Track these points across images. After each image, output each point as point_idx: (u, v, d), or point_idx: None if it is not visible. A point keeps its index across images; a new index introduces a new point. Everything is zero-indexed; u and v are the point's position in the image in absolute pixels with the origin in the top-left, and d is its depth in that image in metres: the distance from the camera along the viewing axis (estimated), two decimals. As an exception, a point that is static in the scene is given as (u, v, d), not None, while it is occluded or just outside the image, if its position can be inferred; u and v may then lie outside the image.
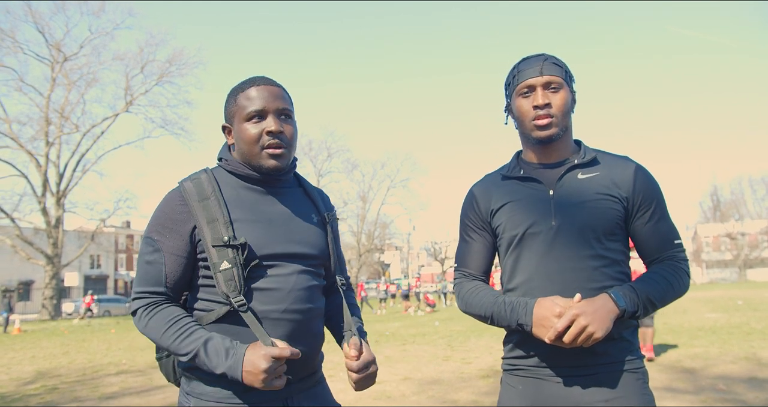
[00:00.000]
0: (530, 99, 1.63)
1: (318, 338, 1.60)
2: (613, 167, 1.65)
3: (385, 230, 56.05)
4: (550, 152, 1.68)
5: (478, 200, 1.76)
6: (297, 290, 1.52)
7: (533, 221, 1.62)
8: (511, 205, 1.68)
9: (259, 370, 1.36)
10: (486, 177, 1.82)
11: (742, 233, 59.56)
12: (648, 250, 1.66)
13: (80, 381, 8.14)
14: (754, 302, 19.72)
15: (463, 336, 12.06)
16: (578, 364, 1.56)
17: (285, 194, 1.64)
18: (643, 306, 1.52)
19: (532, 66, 1.64)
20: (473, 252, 1.78)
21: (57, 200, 32.50)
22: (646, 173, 1.66)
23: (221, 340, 1.42)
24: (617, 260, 1.61)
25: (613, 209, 1.60)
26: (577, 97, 1.71)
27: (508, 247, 1.68)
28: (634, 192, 1.62)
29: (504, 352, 1.74)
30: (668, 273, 1.59)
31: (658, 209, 1.64)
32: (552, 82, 1.62)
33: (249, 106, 1.53)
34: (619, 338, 1.58)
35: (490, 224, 1.74)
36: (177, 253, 1.50)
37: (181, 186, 1.55)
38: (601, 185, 1.62)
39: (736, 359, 7.64)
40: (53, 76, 32.94)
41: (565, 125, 1.65)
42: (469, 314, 1.74)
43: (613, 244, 1.61)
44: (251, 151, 1.54)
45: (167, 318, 1.46)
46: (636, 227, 1.64)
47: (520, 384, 1.64)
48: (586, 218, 1.59)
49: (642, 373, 1.59)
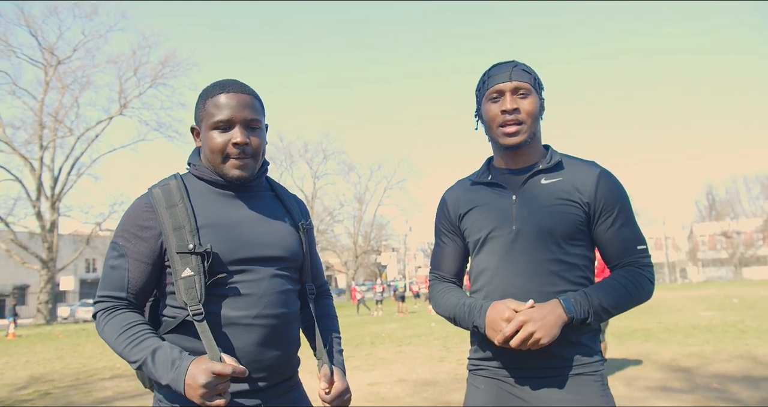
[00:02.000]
0: (499, 104, 1.66)
1: (293, 343, 1.58)
2: (576, 172, 1.67)
3: (381, 232, 55.95)
4: (518, 158, 1.71)
5: (449, 206, 1.82)
6: (270, 295, 1.51)
7: (495, 225, 1.66)
8: (476, 210, 1.72)
9: (197, 384, 1.32)
10: (457, 183, 1.87)
11: (737, 231, 59.80)
12: (610, 255, 1.67)
13: (74, 385, 8.09)
14: (749, 301, 19.77)
15: (458, 337, 12.05)
16: (537, 366, 1.59)
17: (255, 197, 1.63)
18: (594, 312, 1.54)
19: (502, 71, 1.67)
20: (445, 255, 1.84)
21: (52, 204, 32.43)
22: (611, 178, 1.67)
23: (170, 350, 1.40)
24: (578, 265, 1.63)
25: (573, 214, 1.62)
26: (546, 104, 1.74)
27: (473, 250, 1.74)
28: (596, 197, 1.63)
29: (470, 353, 1.79)
30: (626, 280, 1.61)
31: (621, 215, 1.65)
32: (521, 88, 1.64)
33: (216, 114, 1.51)
34: (578, 342, 1.60)
35: (459, 228, 1.79)
36: (141, 259, 1.49)
37: (149, 193, 1.54)
38: (563, 190, 1.64)
39: (731, 357, 7.65)
40: (47, 79, 32.90)
41: (533, 132, 1.67)
42: (439, 314, 1.80)
43: (574, 249, 1.63)
44: (215, 160, 1.53)
45: (122, 324, 1.45)
46: (598, 232, 1.66)
47: (482, 384, 1.69)
48: (545, 222, 1.61)
49: (600, 376, 1.61)
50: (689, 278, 60.72)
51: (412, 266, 75.72)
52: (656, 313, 15.75)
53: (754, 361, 7.28)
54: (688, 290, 34.36)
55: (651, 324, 12.69)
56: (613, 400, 1.60)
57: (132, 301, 1.51)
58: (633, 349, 8.80)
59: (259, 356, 1.48)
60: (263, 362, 1.49)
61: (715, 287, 35.70)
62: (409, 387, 6.62)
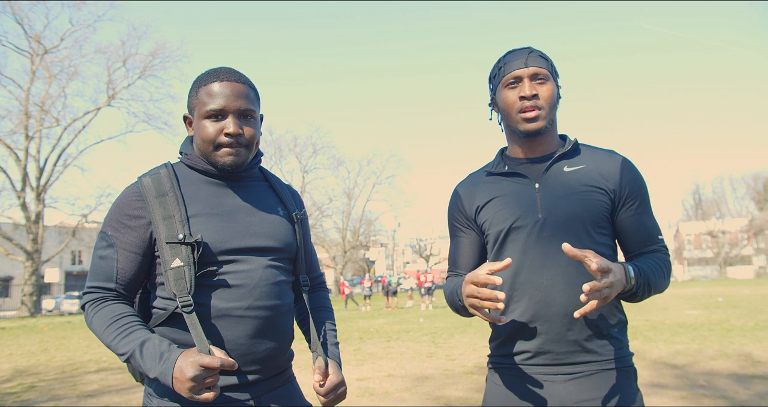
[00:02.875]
0: (517, 90, 1.61)
1: (286, 335, 1.55)
2: (599, 159, 1.63)
3: (370, 227, 55.88)
4: (536, 146, 1.66)
5: (463, 199, 1.74)
6: (262, 286, 1.48)
7: (519, 215, 1.60)
8: (496, 201, 1.66)
9: (185, 378, 1.29)
10: (470, 176, 1.80)
11: (722, 231, 60.51)
12: (632, 243, 1.63)
13: (59, 379, 8.00)
14: (734, 300, 20.01)
15: (447, 333, 12.08)
16: (566, 361, 1.53)
17: (248, 187, 1.60)
18: (642, 287, 1.49)
19: (518, 57, 1.62)
20: (462, 251, 1.76)
21: (37, 195, 32.03)
22: (633, 166, 1.64)
23: (158, 343, 1.37)
24: (605, 254, 1.58)
25: (600, 200, 1.58)
26: (561, 92, 1.69)
27: (495, 243, 1.65)
28: (621, 185, 1.60)
29: (490, 349, 1.71)
30: (663, 264, 1.58)
31: (643, 203, 1.62)
32: (539, 74, 1.60)
33: (209, 103, 1.48)
34: (608, 334, 1.55)
35: (475, 221, 1.71)
36: (130, 249, 1.46)
37: (139, 182, 1.51)
38: (588, 177, 1.60)
39: (716, 355, 7.73)
40: (33, 68, 32.40)
41: (551, 118, 1.63)
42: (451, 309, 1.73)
43: (601, 237, 1.59)
44: (207, 149, 1.51)
45: (110, 315, 1.42)
46: (621, 219, 1.62)
47: (505, 382, 1.61)
48: (574, 209, 1.56)
49: (631, 371, 1.57)
50: (675, 276, 61.34)
51: (401, 262, 75.84)
52: (643, 311, 15.88)
53: (739, 359, 7.37)
54: (673, 288, 34.71)
55: (638, 322, 12.79)
56: (641, 396, 1.56)
57: (121, 292, 1.48)
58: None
59: (251, 349, 1.45)
60: (255, 355, 1.46)
61: (701, 286, 36.12)
62: (398, 382, 6.62)
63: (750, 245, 60.64)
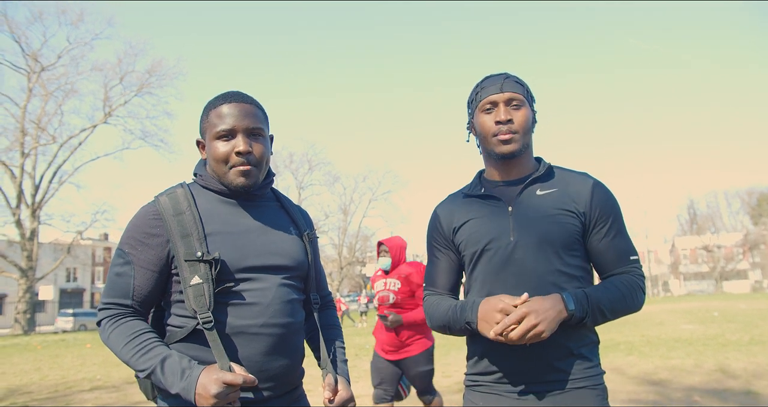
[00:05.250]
0: (493, 115, 1.67)
1: (298, 353, 1.59)
2: (571, 182, 1.68)
3: (366, 243, 55.83)
4: (511, 169, 1.72)
5: (441, 220, 1.79)
6: (276, 305, 1.52)
7: (492, 237, 1.65)
8: (471, 222, 1.70)
9: (209, 395, 1.33)
10: (449, 197, 1.86)
11: (718, 245, 60.60)
12: (604, 265, 1.67)
13: (52, 398, 7.92)
14: (729, 314, 19.99)
15: (443, 349, 12.02)
16: (538, 380, 1.57)
17: (261, 206, 1.65)
18: (592, 313, 1.53)
19: (494, 83, 1.68)
20: (440, 270, 1.81)
21: (32, 212, 31.94)
22: (604, 188, 1.69)
23: (179, 359, 1.40)
24: (576, 276, 1.63)
25: (571, 223, 1.62)
26: (538, 117, 1.75)
27: (469, 263, 1.71)
28: (591, 207, 1.64)
29: (467, 368, 1.75)
30: (623, 286, 1.61)
31: (615, 225, 1.66)
32: (514, 99, 1.66)
33: (219, 124, 1.54)
34: (578, 354, 1.59)
35: (453, 242, 1.76)
36: (148, 267, 1.49)
37: (156, 200, 1.55)
38: (560, 201, 1.64)
39: (710, 371, 7.72)
40: (30, 86, 32.55)
41: (526, 142, 1.68)
42: (433, 328, 1.76)
43: (572, 259, 1.63)
44: (220, 169, 1.55)
45: (129, 332, 1.45)
46: (593, 242, 1.66)
47: (481, 401, 1.65)
48: (545, 233, 1.60)
49: (601, 389, 1.60)
50: (671, 291, 61.29)
51: (397, 278, 75.33)
52: (639, 326, 15.86)
53: (734, 375, 7.35)
54: (670, 303, 34.65)
55: (634, 337, 12.77)
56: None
57: (137, 309, 1.51)
58: (616, 362, 8.84)
59: (265, 365, 1.48)
60: (269, 372, 1.49)
61: (697, 301, 36.04)
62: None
63: (746, 259, 60.69)
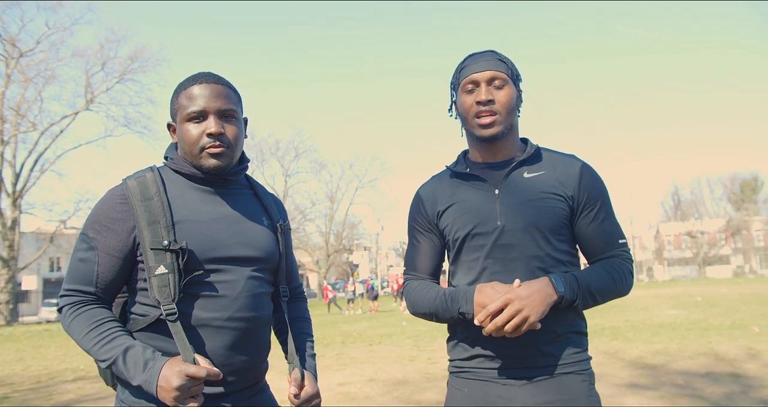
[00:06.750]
0: (474, 95, 1.60)
1: (264, 347, 1.54)
2: (558, 165, 1.63)
3: (353, 231, 55.86)
4: (496, 151, 1.65)
5: (425, 202, 1.73)
6: (243, 298, 1.46)
7: (478, 221, 1.59)
8: (457, 206, 1.65)
9: (171, 387, 1.28)
10: (432, 178, 1.79)
11: (701, 231, 61.47)
12: (592, 249, 1.64)
13: (34, 388, 7.83)
14: (712, 299, 20.32)
15: (429, 336, 12.08)
16: (523, 365, 1.54)
17: (233, 194, 1.58)
18: (582, 295, 1.50)
19: (477, 61, 1.61)
20: (421, 254, 1.75)
21: (13, 200, 31.45)
22: (592, 171, 1.64)
23: (142, 350, 1.35)
24: (563, 261, 1.59)
25: (558, 207, 1.58)
26: (524, 96, 1.69)
27: (455, 248, 1.65)
28: (579, 191, 1.60)
29: (449, 353, 1.70)
30: (612, 269, 1.58)
31: (603, 208, 1.62)
32: (496, 78, 1.58)
33: (190, 106, 1.47)
34: (566, 339, 1.55)
35: (437, 226, 1.70)
36: (112, 253, 1.43)
37: (124, 184, 1.48)
38: (547, 184, 1.59)
39: (694, 355, 7.83)
40: (8, 72, 31.81)
41: (510, 123, 1.61)
42: (417, 315, 1.70)
43: (560, 244, 1.59)
44: (191, 151, 1.49)
45: (91, 320, 1.39)
46: (581, 226, 1.62)
47: (465, 387, 1.61)
48: (532, 217, 1.56)
49: (588, 375, 1.57)
50: (655, 277, 62.15)
51: (384, 265, 75.80)
52: (623, 311, 16.05)
53: (717, 358, 7.46)
54: (654, 288, 35.17)
55: (618, 322, 12.92)
56: (599, 400, 1.56)
57: (100, 296, 1.44)
58: (601, 347, 8.93)
59: (228, 359, 1.43)
60: (233, 366, 1.44)
61: (680, 286, 36.64)
62: (379, 387, 6.59)
63: (728, 245, 61.72)
